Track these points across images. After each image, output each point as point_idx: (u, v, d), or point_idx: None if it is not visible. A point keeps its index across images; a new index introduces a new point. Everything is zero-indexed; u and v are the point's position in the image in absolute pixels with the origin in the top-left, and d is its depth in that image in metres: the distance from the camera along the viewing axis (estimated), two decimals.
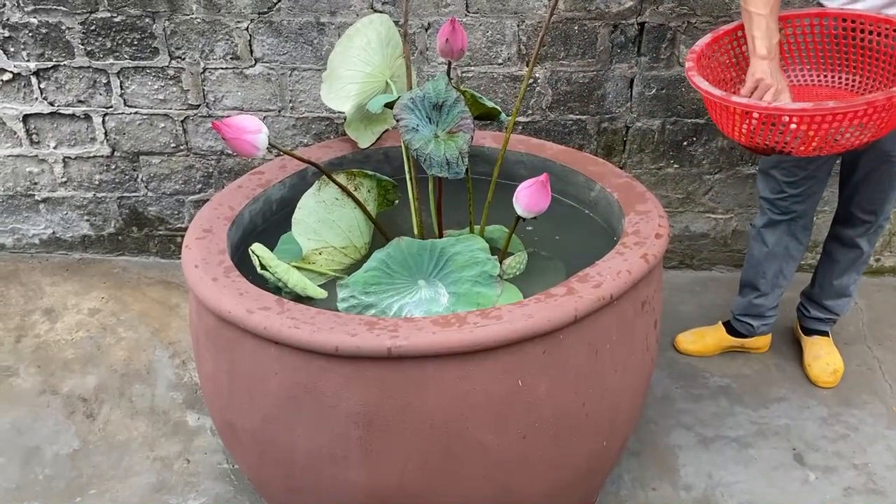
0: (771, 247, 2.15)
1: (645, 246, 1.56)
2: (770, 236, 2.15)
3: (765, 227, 2.15)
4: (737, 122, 1.65)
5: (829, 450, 2.02)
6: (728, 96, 1.63)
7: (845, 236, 2.12)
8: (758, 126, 1.62)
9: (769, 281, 2.20)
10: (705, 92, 1.67)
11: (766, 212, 2.13)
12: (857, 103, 1.52)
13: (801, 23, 1.87)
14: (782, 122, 1.59)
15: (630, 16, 2.33)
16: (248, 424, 1.49)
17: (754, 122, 1.62)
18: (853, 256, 2.14)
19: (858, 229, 2.09)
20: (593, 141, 2.53)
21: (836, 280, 2.18)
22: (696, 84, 1.71)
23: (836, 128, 1.56)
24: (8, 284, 2.66)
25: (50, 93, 2.53)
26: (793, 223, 2.12)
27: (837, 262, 2.17)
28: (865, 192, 2.02)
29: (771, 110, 1.58)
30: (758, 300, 2.24)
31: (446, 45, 1.68)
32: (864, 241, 2.11)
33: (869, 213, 2.05)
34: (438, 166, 1.56)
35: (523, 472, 1.48)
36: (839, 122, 1.54)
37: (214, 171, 2.64)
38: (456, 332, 1.34)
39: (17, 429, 2.10)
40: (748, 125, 1.64)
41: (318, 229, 1.70)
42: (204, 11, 2.38)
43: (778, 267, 2.18)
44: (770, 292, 2.23)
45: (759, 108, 1.60)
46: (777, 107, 1.58)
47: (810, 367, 2.24)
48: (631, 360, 1.56)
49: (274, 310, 1.39)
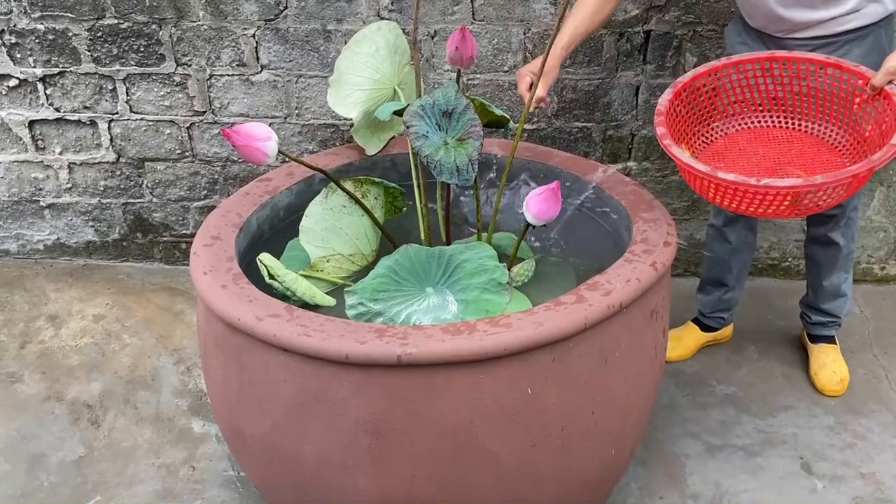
0: (734, 243, 2.21)
1: (654, 254, 1.56)
2: (731, 233, 2.20)
3: (725, 227, 2.20)
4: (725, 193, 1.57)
5: (837, 458, 2.02)
6: (714, 172, 1.53)
7: (818, 234, 2.14)
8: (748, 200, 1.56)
9: (735, 275, 2.27)
10: (688, 167, 1.57)
11: (721, 211, 2.18)
12: (843, 176, 1.49)
13: (752, 67, 1.78)
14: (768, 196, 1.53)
15: (636, 24, 2.34)
16: (256, 432, 1.49)
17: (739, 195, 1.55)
18: (833, 253, 2.15)
19: (828, 224, 2.10)
20: (598, 148, 2.53)
21: (826, 281, 2.20)
22: (676, 157, 1.60)
23: (819, 196, 1.53)
24: (12, 290, 2.66)
25: (56, 99, 2.53)
26: (749, 217, 2.15)
27: (820, 262, 2.19)
28: None
29: (761, 189, 1.50)
30: (727, 295, 2.30)
31: (456, 52, 1.68)
32: (839, 236, 2.11)
33: (833, 206, 2.05)
34: (448, 173, 1.56)
35: (532, 481, 1.48)
36: (823, 191, 1.52)
37: (220, 177, 2.64)
38: (465, 340, 1.33)
39: (22, 435, 2.10)
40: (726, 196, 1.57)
41: (326, 237, 1.70)
42: (210, 18, 2.38)
43: (742, 260, 2.25)
44: (737, 285, 2.30)
45: (749, 185, 1.50)
46: (768, 185, 1.50)
47: (817, 376, 2.24)
48: (640, 369, 1.56)
49: (283, 317, 1.39)
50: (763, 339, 2.43)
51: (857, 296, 2.62)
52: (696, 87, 1.79)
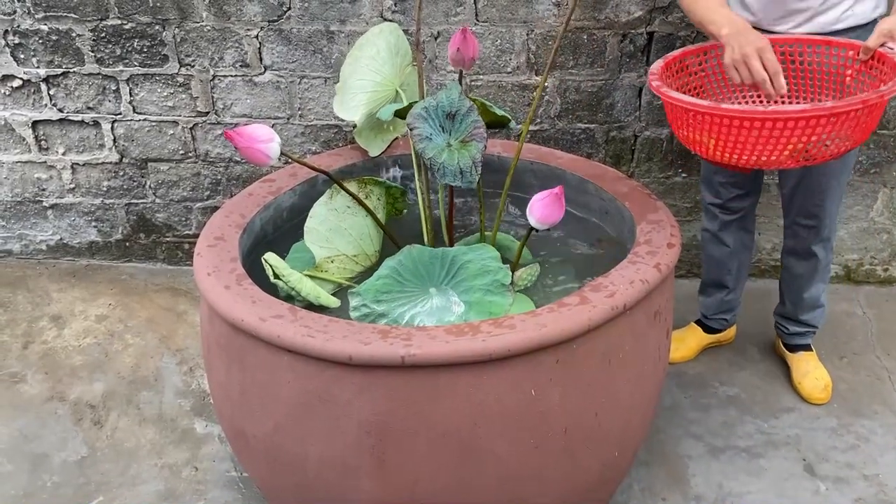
0: (732, 246, 2.22)
1: (657, 255, 1.56)
2: (727, 237, 2.20)
3: (721, 231, 2.20)
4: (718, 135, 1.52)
5: (840, 460, 2.02)
6: (718, 104, 1.49)
7: (798, 247, 2.13)
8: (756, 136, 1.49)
9: (734, 276, 2.27)
10: (690, 104, 1.51)
11: (716, 216, 2.19)
12: (853, 101, 1.44)
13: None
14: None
15: (639, 25, 2.34)
16: (259, 433, 1.49)
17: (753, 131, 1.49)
18: (812, 265, 2.13)
19: (808, 236, 2.09)
20: (601, 150, 2.53)
21: (807, 293, 2.18)
22: (674, 98, 1.55)
23: (828, 132, 1.46)
24: (15, 290, 2.66)
25: (59, 99, 2.53)
26: (743, 218, 2.19)
27: (799, 274, 2.16)
28: (801, 199, 2.03)
29: (769, 118, 1.44)
30: (728, 297, 2.31)
31: (457, 54, 1.68)
32: (819, 248, 2.10)
33: (811, 218, 2.05)
34: (452, 175, 1.56)
35: (535, 482, 1.48)
36: (833, 124, 1.45)
37: (223, 178, 2.64)
38: (469, 342, 1.33)
39: (25, 435, 2.10)
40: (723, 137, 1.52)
41: (330, 237, 1.71)
42: (214, 19, 2.38)
43: (739, 261, 2.26)
44: (737, 286, 2.30)
45: (757, 114, 1.45)
46: (777, 111, 1.44)
47: (801, 385, 2.22)
48: (643, 370, 1.56)
49: (287, 318, 1.39)
50: (765, 341, 2.43)
51: (860, 297, 2.62)
52: (685, 64, 1.78)
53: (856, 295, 2.64)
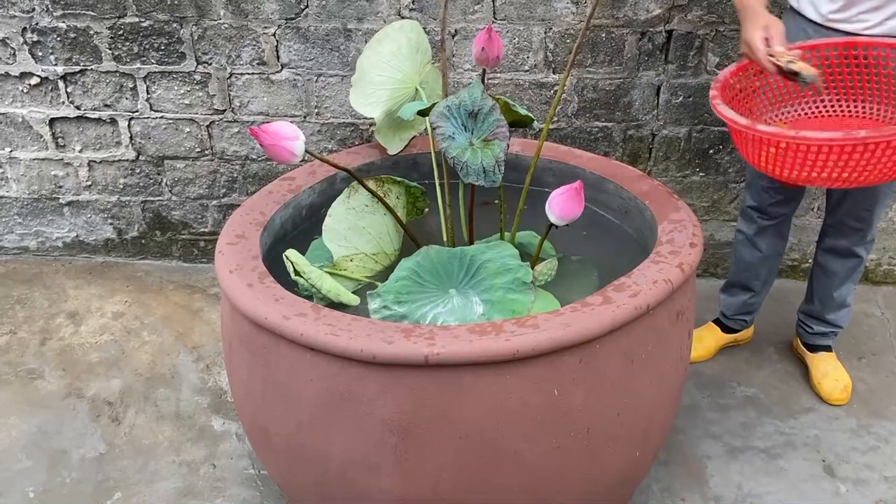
0: (765, 251, 2.19)
1: (680, 255, 1.55)
2: (762, 242, 2.18)
3: (756, 235, 2.18)
4: (763, 151, 1.56)
5: (860, 462, 2.00)
6: (753, 124, 1.53)
7: (840, 246, 2.10)
8: (783, 157, 1.52)
9: (762, 281, 2.26)
10: (730, 121, 1.57)
11: (754, 220, 2.16)
12: (887, 132, 1.41)
13: (829, 52, 1.76)
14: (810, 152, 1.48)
15: (658, 23, 2.33)
16: (281, 430, 1.49)
17: (778, 151, 1.52)
18: (852, 265, 2.12)
19: (853, 237, 2.06)
20: (619, 148, 2.52)
21: (836, 292, 2.16)
22: (721, 113, 1.60)
23: (867, 159, 1.44)
24: (32, 287, 2.67)
25: (77, 97, 2.54)
26: (780, 225, 2.17)
27: (836, 273, 2.14)
28: (852, 203, 1.99)
29: (799, 140, 1.46)
30: (752, 299, 2.29)
31: (482, 52, 1.67)
32: (862, 249, 2.09)
33: (860, 221, 2.02)
34: (475, 174, 1.55)
35: (557, 482, 1.47)
36: (871, 152, 1.43)
37: (239, 175, 2.64)
38: (492, 341, 1.33)
39: (44, 432, 2.11)
40: (769, 155, 1.54)
41: (349, 236, 1.70)
42: (231, 17, 2.38)
43: (769, 267, 2.24)
44: (762, 290, 2.29)
45: (784, 137, 1.48)
46: (804, 136, 1.46)
47: (821, 386, 2.21)
48: (665, 370, 1.55)
49: (310, 316, 1.38)
50: (783, 341, 2.42)
51: (879, 298, 2.61)
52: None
53: (874, 295, 2.62)
